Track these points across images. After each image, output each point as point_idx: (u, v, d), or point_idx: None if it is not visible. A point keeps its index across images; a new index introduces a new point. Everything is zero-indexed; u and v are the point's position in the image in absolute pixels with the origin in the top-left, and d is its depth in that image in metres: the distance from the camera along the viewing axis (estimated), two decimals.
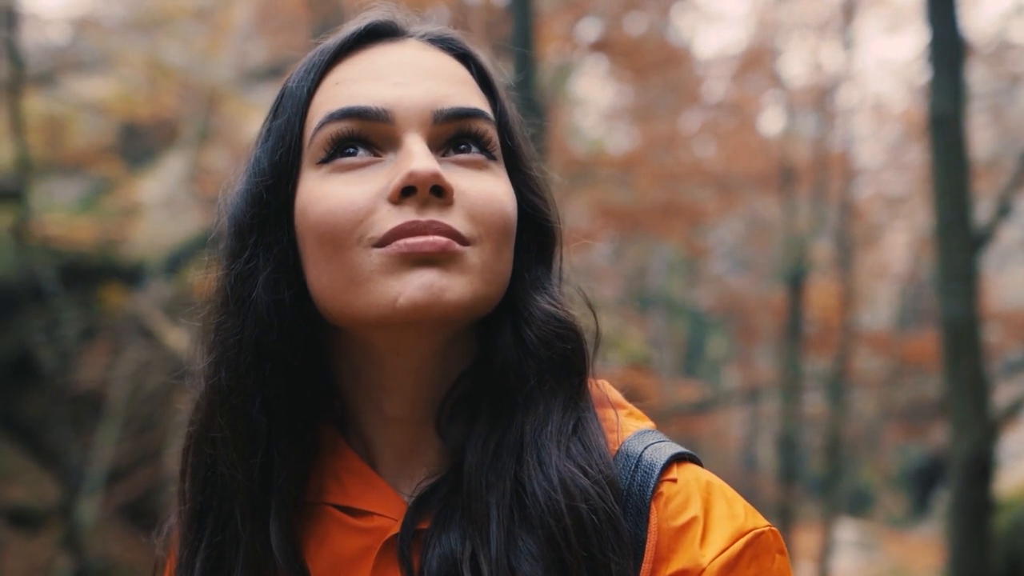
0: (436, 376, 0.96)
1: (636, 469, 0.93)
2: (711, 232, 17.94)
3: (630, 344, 17.88)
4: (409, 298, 0.87)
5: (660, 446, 0.97)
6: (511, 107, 1.02)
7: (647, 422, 1.04)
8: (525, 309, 0.96)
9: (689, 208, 13.04)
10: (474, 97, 0.97)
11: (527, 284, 0.98)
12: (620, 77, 13.51)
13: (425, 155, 0.89)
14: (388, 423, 0.97)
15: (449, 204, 0.89)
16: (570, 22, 11.43)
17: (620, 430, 0.98)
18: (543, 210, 1.00)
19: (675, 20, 15.46)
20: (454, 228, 0.89)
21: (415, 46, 0.99)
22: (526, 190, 0.99)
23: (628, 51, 11.66)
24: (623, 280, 22.23)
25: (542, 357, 0.94)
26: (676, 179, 12.80)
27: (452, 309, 0.88)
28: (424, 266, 0.87)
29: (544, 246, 1.01)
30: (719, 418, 19.03)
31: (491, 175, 0.95)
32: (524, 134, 1.03)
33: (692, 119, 14.39)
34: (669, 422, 14.95)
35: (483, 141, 0.95)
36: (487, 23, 10.96)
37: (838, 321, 13.58)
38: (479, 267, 0.90)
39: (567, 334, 0.96)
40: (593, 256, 20.37)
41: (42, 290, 10.35)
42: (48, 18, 16.48)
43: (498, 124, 0.99)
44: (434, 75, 0.95)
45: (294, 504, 0.96)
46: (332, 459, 0.99)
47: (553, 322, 0.95)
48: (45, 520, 10.63)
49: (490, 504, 0.88)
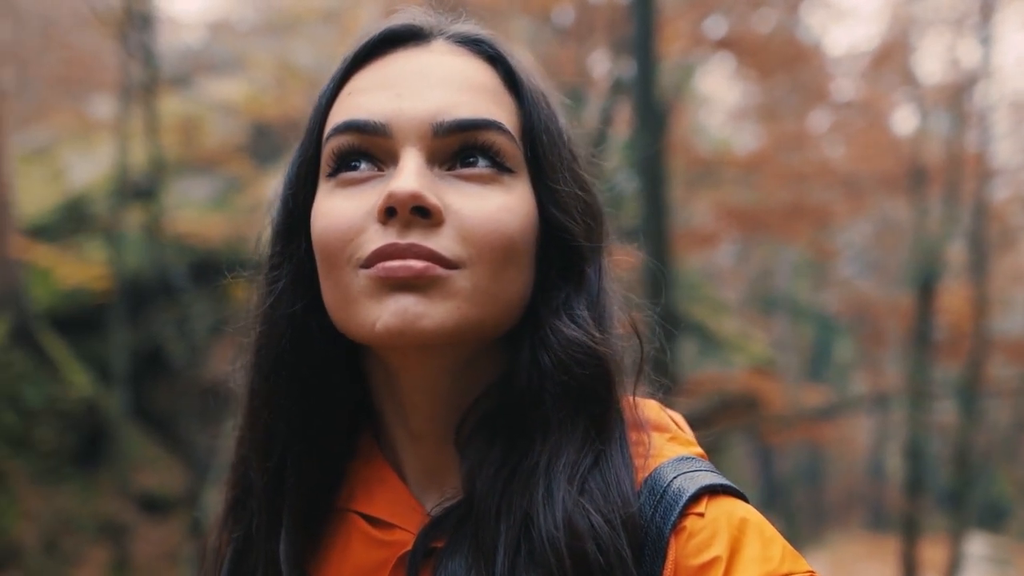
0: (455, 394, 0.92)
1: (661, 500, 0.87)
2: (839, 234, 17.59)
3: (753, 347, 17.62)
4: (384, 324, 0.85)
5: (694, 475, 0.89)
6: (546, 113, 0.94)
7: (693, 448, 0.96)
8: (541, 331, 0.91)
9: (816, 209, 12.81)
10: (487, 105, 0.90)
11: (547, 304, 0.92)
12: (746, 76, 13.34)
13: (412, 173, 0.85)
14: (414, 438, 0.95)
15: (437, 225, 0.85)
16: (695, 20, 11.32)
17: (654, 456, 0.91)
18: (566, 226, 0.92)
19: (804, 17, 15.16)
20: (436, 251, 0.84)
21: (438, 50, 0.93)
22: (551, 204, 0.92)
23: (754, 49, 11.50)
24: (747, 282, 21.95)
25: (558, 382, 0.89)
26: (803, 179, 12.58)
27: (429, 336, 0.85)
28: (402, 291, 0.84)
29: (569, 264, 0.93)
30: (845, 425, 18.63)
31: (500, 190, 0.88)
32: (558, 142, 0.95)
33: (820, 118, 14.13)
34: (792, 427, 14.68)
35: (492, 153, 0.88)
36: (610, 22, 10.91)
37: (971, 327, 13.16)
38: (469, 291, 0.85)
39: (586, 359, 0.89)
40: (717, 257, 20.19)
41: (173, 286, 10.70)
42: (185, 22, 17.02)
43: (524, 132, 0.92)
44: (444, 83, 0.90)
45: (312, 510, 0.97)
46: (366, 467, 0.98)
47: (571, 346, 0.89)
48: (174, 507, 11.00)
49: (499, 533, 0.86)
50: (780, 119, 13.32)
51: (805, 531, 21.18)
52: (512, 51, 0.96)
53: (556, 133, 0.95)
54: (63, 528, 10.82)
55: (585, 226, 0.94)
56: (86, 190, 14.06)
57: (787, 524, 20.43)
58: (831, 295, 20.07)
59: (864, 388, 20.36)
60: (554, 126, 0.95)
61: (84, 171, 14.35)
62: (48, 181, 14.61)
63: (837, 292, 19.46)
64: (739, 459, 21.15)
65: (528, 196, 0.91)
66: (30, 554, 10.38)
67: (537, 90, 0.95)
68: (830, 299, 20.22)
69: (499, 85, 0.93)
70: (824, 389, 20.32)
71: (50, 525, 10.75)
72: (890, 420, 18.96)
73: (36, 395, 11.68)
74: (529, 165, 0.92)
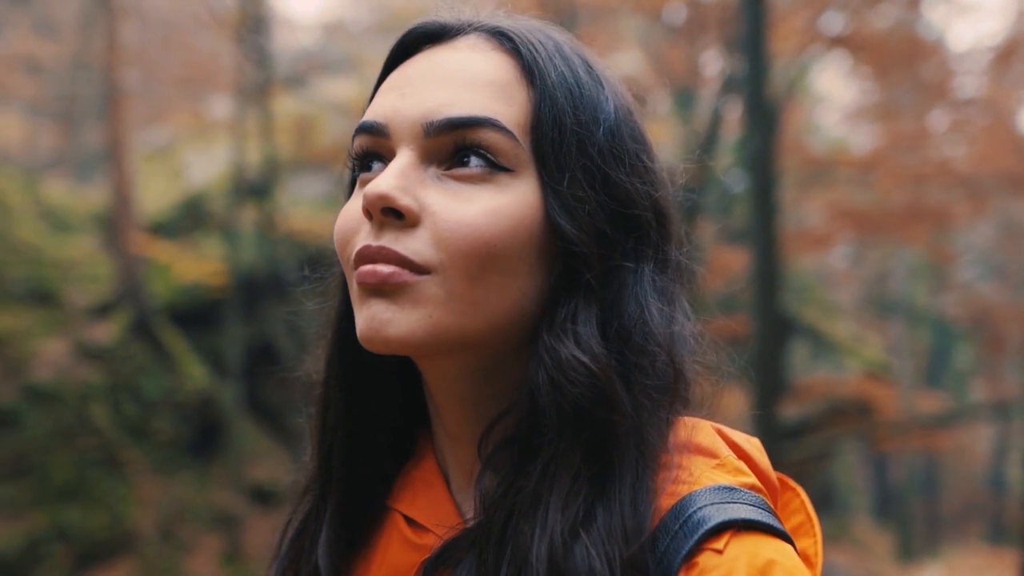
0: (480, 400, 0.89)
1: (680, 529, 0.79)
2: (959, 236, 17.09)
3: (867, 352, 17.23)
4: (358, 329, 0.84)
5: (727, 507, 0.80)
6: (564, 107, 0.87)
7: (744, 477, 0.85)
8: (537, 346, 0.85)
9: (935, 210, 12.45)
10: (486, 102, 0.85)
11: (548, 317, 0.86)
12: (863, 73, 13.04)
13: (390, 173, 0.83)
14: (451, 439, 0.93)
15: (412, 227, 0.83)
16: (810, 17, 11.10)
17: (689, 482, 0.82)
18: (565, 231, 0.85)
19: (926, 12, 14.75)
20: (404, 255, 0.82)
21: (462, 46, 0.89)
22: (554, 206, 0.85)
23: (872, 46, 11.21)
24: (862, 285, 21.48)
25: (552, 402, 0.83)
26: (921, 180, 12.23)
27: (396, 344, 0.83)
28: (374, 296, 0.83)
29: (573, 274, 0.86)
30: (963, 433, 18.07)
31: (492, 191, 0.84)
32: (572, 139, 0.87)
33: (940, 117, 13.73)
34: (907, 435, 14.29)
35: (486, 152, 0.84)
36: (721, 20, 10.77)
37: None
38: (442, 298, 0.82)
39: (582, 379, 0.82)
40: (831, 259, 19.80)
41: (284, 281, 10.92)
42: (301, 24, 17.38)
43: (532, 128, 0.86)
44: (446, 81, 0.86)
45: (360, 505, 0.96)
46: (416, 467, 0.97)
47: (565, 364, 0.83)
48: (283, 500, 11.21)
49: (501, 561, 0.81)
50: (898, 118, 12.99)
51: (920, 541, 20.63)
52: (540, 40, 0.90)
53: (573, 128, 0.87)
54: (178, 517, 11.14)
55: (596, 232, 0.86)
56: (204, 188, 14.47)
57: (901, 534, 19.93)
58: (950, 299, 19.56)
59: (984, 396, 19.77)
60: (571, 120, 0.87)
61: (202, 170, 14.76)
62: (168, 179, 15.07)
63: (956, 296, 18.95)
64: (850, 466, 20.70)
65: (528, 197, 0.85)
66: (147, 541, 10.71)
67: (562, 82, 0.88)
68: (949, 303, 19.70)
69: (515, 79, 0.88)
70: (941, 396, 19.77)
71: (166, 514, 11.08)
72: (1011, 429, 18.33)
73: (154, 387, 12.05)
74: (538, 163, 0.86)
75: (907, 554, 19.25)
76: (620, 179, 0.88)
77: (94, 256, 13.96)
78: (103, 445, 11.22)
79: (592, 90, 0.89)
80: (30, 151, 19.78)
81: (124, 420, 11.63)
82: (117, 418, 11.59)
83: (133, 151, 14.20)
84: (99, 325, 12.58)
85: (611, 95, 0.90)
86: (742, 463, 0.87)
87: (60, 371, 11.68)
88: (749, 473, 0.86)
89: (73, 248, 13.96)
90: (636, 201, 0.88)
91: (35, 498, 10.36)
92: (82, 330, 12.36)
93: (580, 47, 0.93)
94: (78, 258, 13.76)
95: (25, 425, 10.86)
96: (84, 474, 10.77)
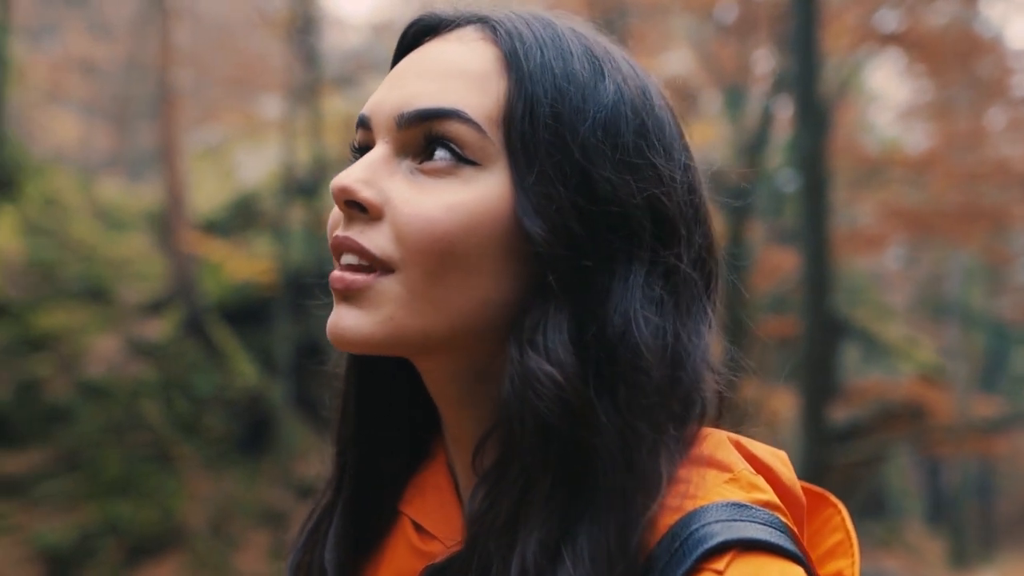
0: (473, 405, 0.86)
1: (680, 547, 0.74)
2: (1016, 237, 16.81)
3: (920, 354, 17.01)
4: (327, 331, 0.84)
5: (734, 524, 0.74)
6: (541, 96, 0.82)
7: (759, 494, 0.79)
8: (508, 353, 0.80)
9: (991, 211, 12.25)
10: (458, 93, 0.82)
11: (515, 324, 0.81)
12: (918, 71, 12.87)
13: (357, 165, 0.82)
14: (455, 442, 0.89)
15: (375, 220, 0.81)
16: (863, 15, 10.96)
17: (695, 497, 0.77)
18: (527, 231, 0.80)
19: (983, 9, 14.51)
20: (365, 247, 0.80)
21: (455, 37, 0.87)
22: (524, 205, 0.80)
23: (927, 43, 11.06)
24: (916, 287, 21.20)
25: (518, 414, 0.78)
26: (977, 180, 12.04)
27: (357, 347, 0.82)
28: (341, 301, 0.82)
29: (540, 276, 0.80)
30: (1020, 438, 17.76)
31: (455, 185, 0.81)
32: (544, 130, 0.81)
33: (998, 115, 13.51)
34: (962, 439, 14.08)
35: (452, 144, 0.81)
36: (772, 18, 10.67)
37: None
38: (405, 298, 0.80)
39: (546, 392, 0.77)
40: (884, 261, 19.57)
41: None
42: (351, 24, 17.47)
43: (504, 121, 0.82)
44: (425, 72, 0.84)
45: (371, 505, 0.94)
46: (428, 469, 0.94)
47: (528, 375, 0.78)
48: None
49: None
50: (953, 116, 12.80)
51: (973, 547, 20.32)
52: (528, 29, 0.85)
53: (546, 122, 0.81)
54: (228, 512, 11.25)
55: (565, 233, 0.80)
56: (254, 187, 14.62)
57: (954, 539, 19.64)
58: (1006, 302, 19.27)
59: None
60: (545, 112, 0.81)
61: (253, 169, 14.90)
62: (219, 179, 15.24)
63: (1013, 299, 18.64)
64: (903, 470, 20.45)
65: (493, 192, 0.81)
66: (196, 536, 10.82)
67: (544, 72, 0.83)
68: (1005, 306, 19.39)
69: (495, 69, 0.84)
70: (997, 400, 19.43)
71: (215, 509, 11.19)
72: None
73: (205, 384, 12.19)
74: (509, 158, 0.82)
75: (960, 560, 18.96)
76: (604, 176, 0.81)
77: (147, 254, 14.15)
78: (154, 441, 11.37)
79: (585, 81, 0.83)
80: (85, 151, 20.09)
81: (175, 416, 11.77)
82: (168, 414, 11.74)
83: (185, 151, 14.38)
84: (151, 322, 12.76)
85: (614, 86, 0.84)
86: (759, 478, 0.81)
87: (113, 367, 11.85)
88: (765, 489, 0.80)
89: (126, 246, 14.16)
90: (623, 200, 0.81)
91: (88, 492, 10.52)
92: (135, 327, 12.54)
93: (588, 36, 0.87)
94: (131, 256, 13.95)
95: (78, 420, 11.03)
96: (136, 469, 10.92)
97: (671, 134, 0.86)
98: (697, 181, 0.87)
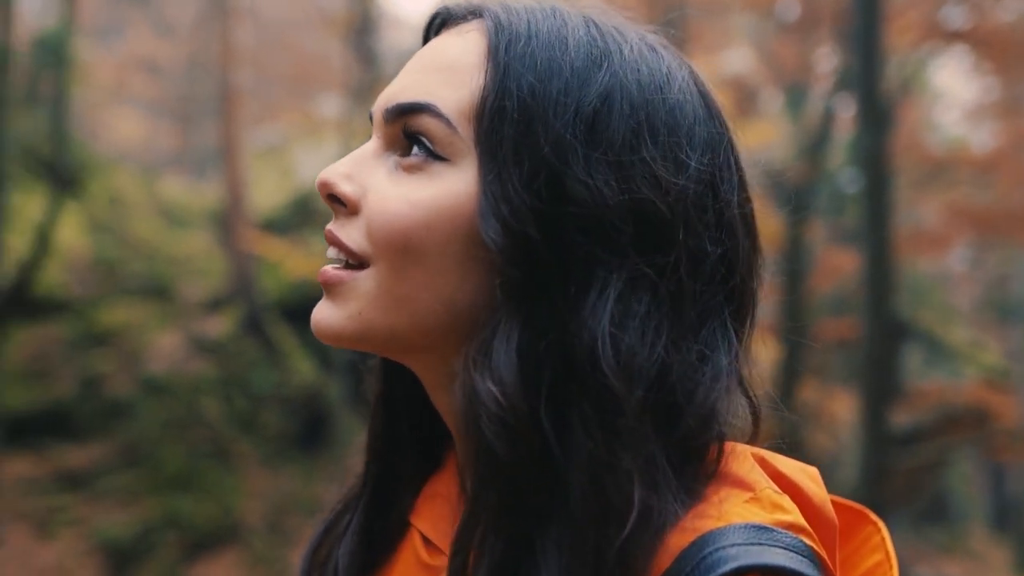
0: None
1: (691, 571, 0.68)
2: None
3: (985, 358, 16.71)
4: None
5: (752, 548, 0.68)
6: (516, 89, 0.77)
7: (783, 515, 0.72)
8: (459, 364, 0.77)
9: None
10: (435, 87, 0.79)
11: (469, 337, 0.77)
12: (985, 69, 12.64)
13: (344, 160, 0.83)
14: (458, 451, 0.86)
15: (353, 214, 0.81)
16: (928, 11, 10.78)
17: (713, 518, 0.71)
18: (483, 233, 0.74)
19: None
20: (343, 241, 0.81)
21: (454, 31, 0.84)
22: (482, 205, 0.75)
23: (994, 40, 10.85)
24: (981, 288, 20.83)
25: (467, 434, 0.74)
26: None
27: (330, 341, 0.82)
28: (325, 295, 0.83)
29: (503, 284, 0.75)
30: None
31: (423, 180, 0.78)
32: (510, 125, 0.76)
33: None
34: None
35: (423, 139, 0.79)
36: (835, 15, 10.52)
37: None
38: (375, 293, 0.79)
39: (486, 410, 0.72)
40: (949, 262, 19.26)
41: None
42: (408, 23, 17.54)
43: (475, 116, 0.77)
44: (420, 67, 0.82)
45: (384, 516, 0.92)
46: (439, 479, 0.91)
47: (473, 395, 0.73)
48: None
49: None
50: (1021, 115, 12.55)
51: None
52: (521, 20, 0.80)
53: (514, 117, 0.76)
54: (284, 509, 11.34)
55: (520, 236, 0.74)
56: (313, 187, 14.75)
57: (1019, 546, 19.26)
58: None
59: None
60: (515, 107, 0.76)
61: (312, 168, 15.04)
62: (279, 177, 15.40)
63: None
64: (967, 475, 20.09)
65: (457, 189, 0.77)
66: (254, 533, 10.93)
67: (523, 66, 0.78)
68: None
69: (480, 62, 0.79)
70: None
71: (273, 506, 11.29)
72: None
73: (264, 381, 12.31)
74: (482, 151, 0.77)
75: None
76: (577, 176, 0.74)
77: (208, 252, 14.34)
78: (213, 437, 11.51)
79: (573, 73, 0.77)
80: (149, 150, 20.43)
81: (234, 413, 11.90)
82: (227, 411, 11.87)
83: (246, 150, 14.53)
84: (212, 320, 12.92)
85: (609, 78, 0.77)
86: (784, 497, 0.74)
87: (173, 364, 12.02)
88: (789, 510, 0.73)
89: (188, 244, 14.36)
90: (600, 203, 0.74)
91: (148, 487, 10.67)
92: (195, 324, 12.71)
93: (605, 26, 0.81)
94: (192, 254, 14.15)
95: (140, 416, 11.20)
96: (195, 465, 11.06)
97: (689, 131, 0.79)
98: (722, 183, 0.80)
